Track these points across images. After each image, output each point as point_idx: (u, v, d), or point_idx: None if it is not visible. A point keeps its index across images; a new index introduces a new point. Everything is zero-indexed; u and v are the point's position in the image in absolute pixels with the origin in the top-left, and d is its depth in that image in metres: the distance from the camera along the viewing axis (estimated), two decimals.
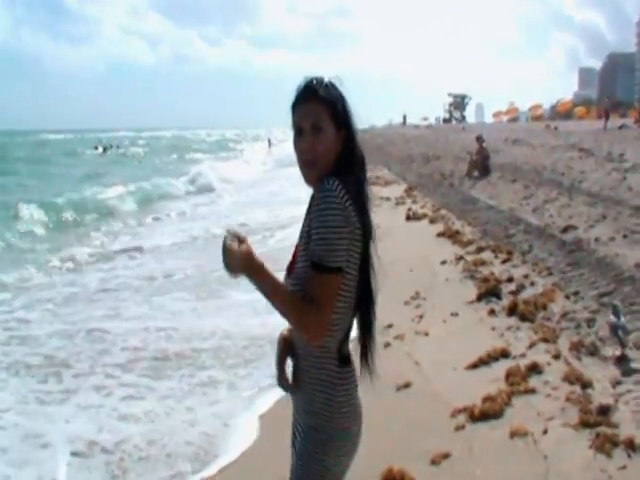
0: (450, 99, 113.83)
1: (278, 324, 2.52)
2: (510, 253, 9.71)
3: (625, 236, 9.35)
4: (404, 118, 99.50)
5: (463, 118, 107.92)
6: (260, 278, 2.03)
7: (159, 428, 5.55)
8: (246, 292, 9.24)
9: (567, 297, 7.39)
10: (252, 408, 5.82)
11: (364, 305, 2.24)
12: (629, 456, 4.13)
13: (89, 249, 14.52)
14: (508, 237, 11.00)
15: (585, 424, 4.56)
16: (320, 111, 2.14)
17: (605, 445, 4.25)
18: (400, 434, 4.82)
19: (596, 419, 4.59)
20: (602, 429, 4.45)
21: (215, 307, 9.15)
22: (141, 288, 10.67)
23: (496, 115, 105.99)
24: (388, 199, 17.95)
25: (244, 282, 2.07)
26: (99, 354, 7.47)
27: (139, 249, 14.35)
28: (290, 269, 2.22)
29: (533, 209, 12.97)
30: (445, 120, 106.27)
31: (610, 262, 8.30)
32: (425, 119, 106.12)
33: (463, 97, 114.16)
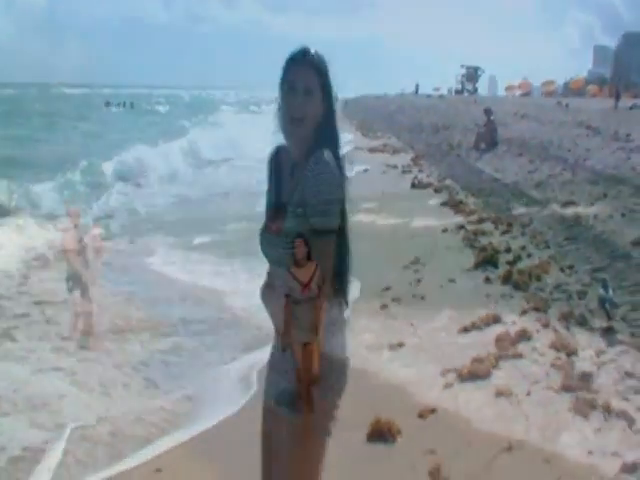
0: (463, 70, 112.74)
1: (253, 292, 2.65)
2: (510, 225, 9.87)
3: (623, 215, 9.53)
4: (416, 87, 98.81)
5: (475, 90, 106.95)
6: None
7: (112, 400, 5.20)
8: (227, 257, 9.28)
9: (562, 270, 7.57)
10: (220, 379, 5.47)
11: (342, 248, 2.38)
12: (605, 419, 4.36)
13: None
14: (509, 209, 11.17)
15: (567, 388, 4.76)
16: (313, 77, 2.34)
17: (584, 408, 4.47)
18: (390, 389, 5.02)
19: (577, 384, 4.79)
20: (582, 394, 4.66)
21: (188, 271, 8.83)
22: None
23: (509, 89, 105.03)
24: (395, 167, 18.06)
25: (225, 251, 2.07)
26: (50, 319, 7.07)
27: (114, 211, 14.06)
28: (277, 228, 2.34)
29: (536, 183, 13.12)
30: (457, 91, 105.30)
31: (606, 239, 8.48)
32: (437, 89, 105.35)
33: (476, 69, 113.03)
